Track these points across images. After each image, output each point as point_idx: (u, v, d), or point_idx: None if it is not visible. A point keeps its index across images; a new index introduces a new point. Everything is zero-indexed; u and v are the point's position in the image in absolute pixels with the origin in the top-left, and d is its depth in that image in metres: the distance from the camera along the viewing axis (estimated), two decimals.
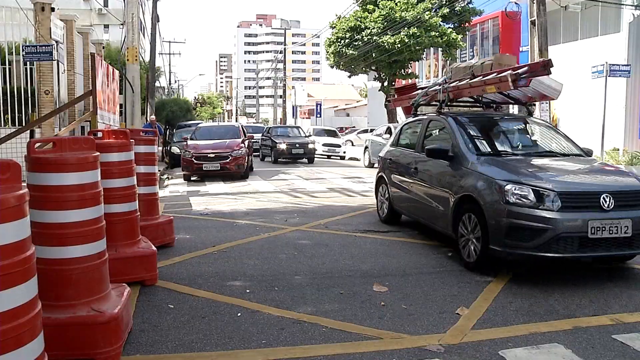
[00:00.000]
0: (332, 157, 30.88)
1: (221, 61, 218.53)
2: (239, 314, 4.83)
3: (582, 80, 23.41)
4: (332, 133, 34.16)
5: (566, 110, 26.55)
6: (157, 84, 40.53)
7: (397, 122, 35.32)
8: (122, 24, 19.20)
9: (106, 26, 39.16)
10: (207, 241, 7.90)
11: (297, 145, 25.38)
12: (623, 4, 22.92)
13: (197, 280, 5.91)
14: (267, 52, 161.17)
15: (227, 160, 17.32)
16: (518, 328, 4.55)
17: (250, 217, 10.23)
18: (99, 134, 6.06)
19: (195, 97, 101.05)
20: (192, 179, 17.72)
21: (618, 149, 22.12)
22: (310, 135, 29.08)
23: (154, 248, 5.87)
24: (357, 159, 28.53)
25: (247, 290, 5.52)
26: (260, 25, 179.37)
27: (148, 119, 26.82)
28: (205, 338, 4.31)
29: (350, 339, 4.28)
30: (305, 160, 25.91)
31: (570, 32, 26.99)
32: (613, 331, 4.48)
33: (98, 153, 4.13)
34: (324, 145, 30.86)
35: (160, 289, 5.59)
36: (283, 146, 25.10)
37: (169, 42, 62.29)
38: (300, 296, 5.35)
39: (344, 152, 31.02)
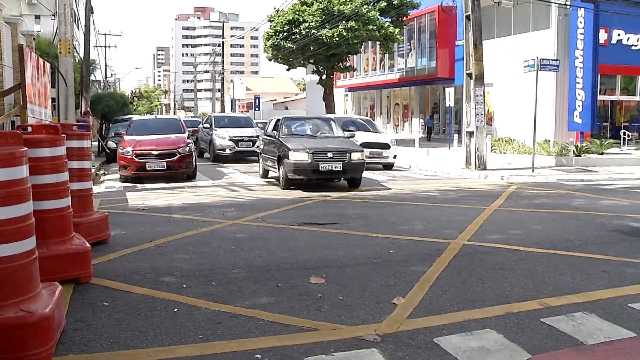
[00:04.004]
0: (372, 164, 18.68)
1: (159, 54, 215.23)
2: (175, 310, 4.78)
3: (515, 74, 24.06)
4: (365, 126, 21.21)
5: (501, 104, 27.26)
6: (92, 77, 39.52)
7: (335, 113, 35.50)
8: (54, 15, 18.63)
9: (37, 17, 37.91)
10: (143, 237, 7.77)
11: (330, 155, 13.31)
12: (551, 2, 23.63)
13: (133, 276, 5.82)
14: (205, 45, 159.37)
15: (175, 159, 15.34)
16: (453, 316, 4.65)
17: (187, 211, 10.12)
18: (29, 129, 5.88)
19: (132, 91, 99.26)
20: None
21: (549, 141, 22.86)
22: (352, 135, 16.39)
23: (88, 245, 5.74)
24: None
25: (184, 285, 5.47)
26: (199, 18, 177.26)
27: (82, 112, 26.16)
28: (141, 335, 4.25)
29: (287, 331, 4.30)
30: (344, 181, 14.38)
31: (504, 28, 27.67)
32: (541, 315, 4.65)
33: (25, 148, 4.01)
34: (363, 146, 16.72)
35: (94, 286, 5.47)
36: (303, 157, 13.18)
37: (105, 34, 60.69)
38: (237, 290, 5.33)
39: (395, 157, 19.69)
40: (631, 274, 5.94)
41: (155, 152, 15.40)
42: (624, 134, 26.43)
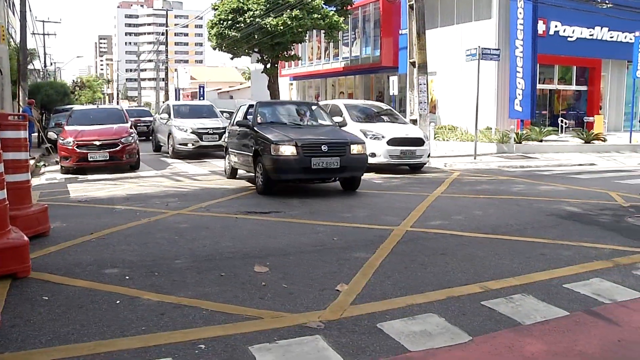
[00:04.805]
0: (399, 166, 15.31)
1: (101, 43, 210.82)
2: (117, 302, 4.70)
3: (458, 63, 24.45)
4: (382, 117, 16.81)
5: (444, 92, 27.66)
6: (30, 66, 38.40)
7: None
8: None
9: None
10: (85, 229, 7.61)
11: (324, 148, 10.37)
12: None
13: (74, 269, 5.70)
14: (148, 33, 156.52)
15: (117, 149, 15.01)
16: (395, 301, 4.71)
17: (130, 202, 9.96)
18: None
19: (73, 81, 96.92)
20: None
21: (491, 128, 23.35)
22: (343, 123, 13.58)
23: (26, 238, 5.59)
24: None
25: (127, 277, 5.39)
26: (142, 6, 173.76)
27: (25, 103, 25.41)
28: (83, 328, 4.17)
29: (231, 320, 4.29)
30: (338, 183, 11.61)
31: (447, 17, 28.04)
32: (482, 298, 4.77)
33: None
34: (392, 143, 14.60)
35: (33, 280, 5.33)
36: (290, 151, 10.21)
37: (43, 21, 59.02)
38: (180, 280, 5.29)
39: (429, 156, 15.67)
40: (566, 256, 6.15)
41: (97, 143, 15.05)
42: (562, 121, 27.27)
